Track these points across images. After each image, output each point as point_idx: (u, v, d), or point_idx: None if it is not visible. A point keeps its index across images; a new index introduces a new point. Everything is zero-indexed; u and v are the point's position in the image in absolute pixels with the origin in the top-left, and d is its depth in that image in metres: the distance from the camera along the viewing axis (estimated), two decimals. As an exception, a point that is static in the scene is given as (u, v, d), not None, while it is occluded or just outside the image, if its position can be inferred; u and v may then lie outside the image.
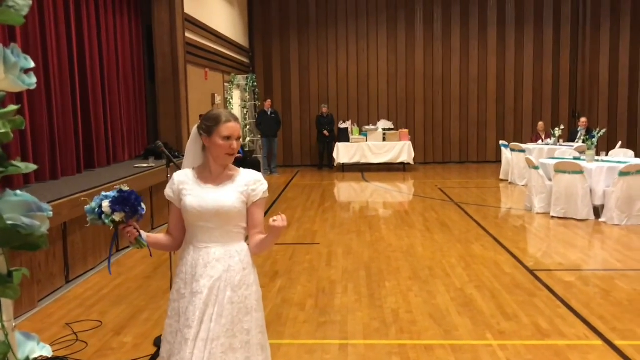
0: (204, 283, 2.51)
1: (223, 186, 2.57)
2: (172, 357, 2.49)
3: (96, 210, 2.43)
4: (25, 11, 1.20)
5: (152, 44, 10.10)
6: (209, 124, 2.56)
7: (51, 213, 1.28)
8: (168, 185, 2.67)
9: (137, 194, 2.49)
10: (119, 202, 2.41)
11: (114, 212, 2.41)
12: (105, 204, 2.41)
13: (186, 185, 2.59)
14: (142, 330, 4.54)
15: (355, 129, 15.15)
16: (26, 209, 1.21)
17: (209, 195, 2.55)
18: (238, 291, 2.52)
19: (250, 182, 2.60)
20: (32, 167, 1.31)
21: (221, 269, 2.53)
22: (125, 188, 2.47)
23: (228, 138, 2.53)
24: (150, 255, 2.73)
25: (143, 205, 2.50)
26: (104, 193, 2.47)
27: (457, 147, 16.55)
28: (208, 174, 2.61)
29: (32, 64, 1.23)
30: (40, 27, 6.73)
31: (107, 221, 2.42)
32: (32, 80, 1.23)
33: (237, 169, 2.67)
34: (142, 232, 2.54)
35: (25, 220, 1.20)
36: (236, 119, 2.61)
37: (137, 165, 8.43)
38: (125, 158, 9.29)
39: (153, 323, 4.68)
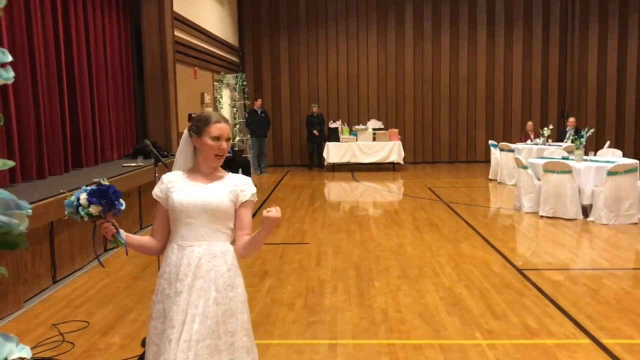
0: (188, 282, 2.48)
1: (212, 184, 2.58)
2: (159, 357, 2.46)
3: (74, 203, 2.40)
4: (3, 3, 1.17)
5: (141, 42, 10.04)
6: (199, 125, 2.59)
7: (30, 211, 1.25)
8: (157, 185, 2.65)
9: (117, 189, 2.45)
10: (96, 195, 2.38)
11: (91, 204, 2.37)
12: (83, 196, 2.38)
13: (175, 184, 2.59)
14: (130, 331, 4.50)
15: (345, 128, 15.15)
16: (3, 206, 1.18)
17: (198, 191, 2.54)
18: (223, 292, 2.50)
19: (240, 183, 2.61)
20: (10, 163, 1.28)
21: (205, 268, 2.50)
22: (105, 182, 2.43)
23: (218, 138, 2.55)
24: (127, 254, 2.70)
25: (122, 201, 2.46)
26: (84, 187, 2.43)
27: (446, 147, 16.59)
28: (198, 175, 2.61)
29: (10, 58, 1.20)
30: (27, 24, 6.66)
31: (83, 213, 2.38)
32: (9, 75, 1.20)
33: (227, 172, 2.68)
34: (121, 230, 2.51)
35: (3, 217, 1.17)
36: (226, 121, 2.63)
37: (125, 165, 8.37)
38: (114, 157, 9.23)
39: (141, 323, 4.64)
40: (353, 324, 4.57)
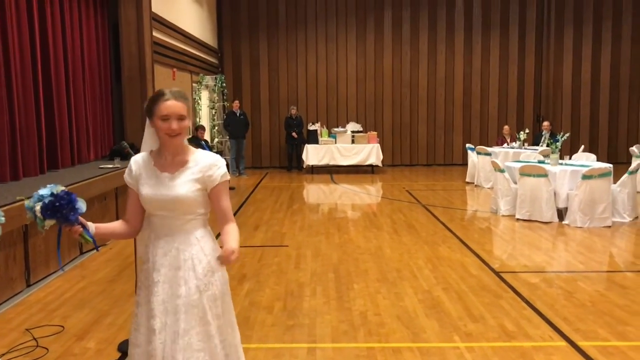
0: (166, 273, 2.48)
1: (179, 174, 2.50)
2: (149, 346, 2.47)
3: (33, 208, 2.35)
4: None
5: (119, 42, 9.93)
6: (150, 104, 2.48)
7: (3, 219, 1.22)
8: (126, 171, 2.61)
9: (73, 196, 2.38)
10: (49, 209, 2.33)
11: (46, 218, 2.34)
12: (38, 208, 2.33)
13: (143, 173, 2.54)
14: (106, 335, 4.44)
15: (324, 131, 15.16)
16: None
17: (165, 185, 2.49)
18: (203, 278, 2.49)
19: (205, 168, 2.50)
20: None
21: (182, 258, 2.49)
22: (58, 190, 2.36)
23: (167, 118, 2.42)
24: (97, 249, 2.66)
25: (80, 205, 2.40)
26: (40, 191, 2.35)
27: (424, 150, 16.70)
28: (164, 160, 2.54)
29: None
30: (2, 23, 6.54)
31: (40, 227, 2.35)
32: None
33: (194, 151, 2.55)
34: (89, 224, 2.46)
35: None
36: (180, 97, 2.45)
37: (102, 166, 8.27)
38: (91, 158, 9.11)
39: (117, 327, 4.58)
40: (332, 328, 4.57)
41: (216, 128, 15.12)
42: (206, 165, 2.50)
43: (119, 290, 5.55)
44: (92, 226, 2.48)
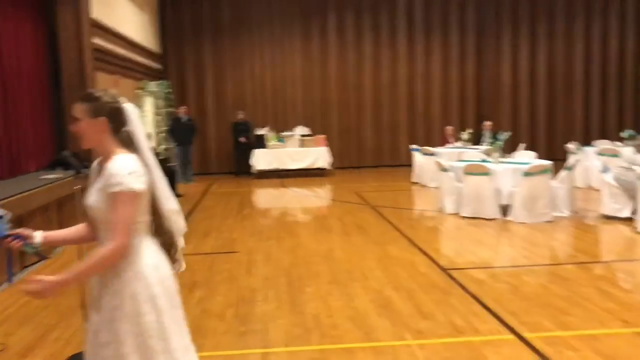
0: (96, 279, 2.46)
1: (98, 181, 2.46)
2: None
3: None
4: None
5: (57, 48, 9.63)
6: None
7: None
8: None
9: None
10: None
11: None
12: None
13: (91, 177, 2.56)
14: (52, 351, 4.30)
15: (273, 135, 15.14)
16: None
17: (89, 192, 2.48)
18: (113, 295, 2.40)
19: (107, 176, 2.38)
20: None
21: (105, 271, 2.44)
22: None
23: None
24: (44, 259, 2.62)
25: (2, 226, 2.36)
26: None
27: (371, 152, 16.89)
28: (102, 163, 2.50)
29: None
30: None
31: None
32: None
33: (114, 157, 2.43)
34: (36, 234, 2.43)
35: None
36: (78, 99, 2.48)
37: (43, 177, 8.00)
38: (31, 169, 8.80)
39: (64, 342, 4.45)
40: (285, 332, 4.57)
41: (162, 135, 14.86)
42: (109, 172, 2.38)
43: (65, 304, 5.37)
44: (38, 236, 2.45)
